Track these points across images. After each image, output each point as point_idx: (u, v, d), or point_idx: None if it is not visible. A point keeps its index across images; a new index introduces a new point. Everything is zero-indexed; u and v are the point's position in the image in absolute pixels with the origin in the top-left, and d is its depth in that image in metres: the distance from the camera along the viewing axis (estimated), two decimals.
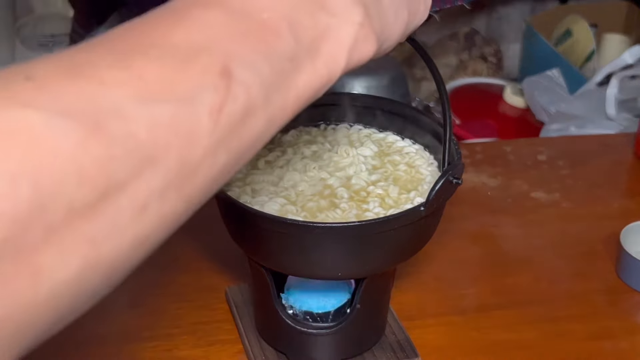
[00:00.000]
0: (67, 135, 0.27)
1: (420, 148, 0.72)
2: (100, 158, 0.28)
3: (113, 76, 0.30)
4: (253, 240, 0.65)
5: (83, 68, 0.30)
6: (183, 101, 0.31)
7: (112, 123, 0.28)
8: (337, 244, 0.61)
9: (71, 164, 0.27)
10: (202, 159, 0.31)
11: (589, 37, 1.74)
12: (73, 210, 0.27)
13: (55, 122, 0.27)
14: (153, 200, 0.30)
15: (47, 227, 0.26)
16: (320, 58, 0.38)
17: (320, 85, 0.39)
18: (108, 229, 0.28)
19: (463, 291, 0.84)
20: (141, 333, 0.76)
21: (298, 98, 0.37)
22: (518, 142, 1.15)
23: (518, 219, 0.96)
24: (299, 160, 0.70)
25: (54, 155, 0.27)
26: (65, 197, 0.27)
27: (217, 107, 0.32)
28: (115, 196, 0.28)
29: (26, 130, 0.26)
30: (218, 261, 0.85)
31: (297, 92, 0.37)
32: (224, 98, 0.32)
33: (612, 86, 1.53)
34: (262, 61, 0.35)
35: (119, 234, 0.29)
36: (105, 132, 0.28)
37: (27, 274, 0.26)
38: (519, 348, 0.76)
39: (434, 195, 0.60)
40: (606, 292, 0.84)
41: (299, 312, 0.69)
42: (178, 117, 0.31)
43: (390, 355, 0.72)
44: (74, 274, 0.27)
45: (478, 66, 1.96)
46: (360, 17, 0.40)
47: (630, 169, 1.09)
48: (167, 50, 0.32)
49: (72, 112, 0.28)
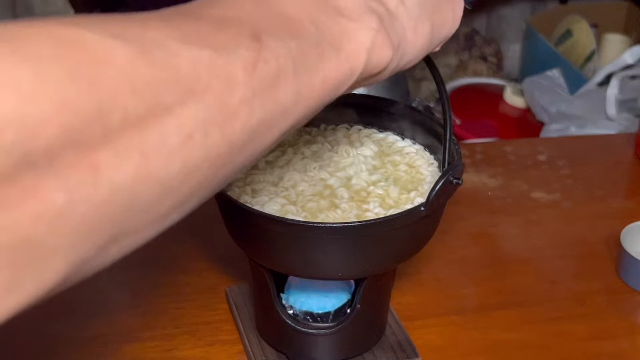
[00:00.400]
0: (117, 52, 0.29)
1: (420, 148, 0.72)
2: (148, 77, 0.30)
3: (154, 23, 0.33)
4: (253, 241, 0.65)
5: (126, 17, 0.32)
6: (220, 50, 0.33)
7: (157, 51, 0.31)
8: (338, 244, 0.61)
9: (122, 75, 0.29)
10: (239, 105, 0.34)
11: (589, 37, 1.74)
12: (127, 118, 0.29)
13: (106, 40, 0.29)
14: (198, 132, 0.32)
15: (105, 128, 0.28)
16: (342, 52, 0.40)
17: (343, 77, 0.40)
18: (158, 145, 0.30)
19: (463, 291, 0.84)
20: (141, 333, 0.76)
21: (324, 83, 0.39)
22: (518, 142, 1.15)
23: (518, 219, 0.96)
24: (299, 160, 0.70)
25: (107, 65, 0.29)
26: (119, 103, 0.29)
27: (251, 63, 0.34)
28: (163, 116, 0.30)
29: (80, 42, 0.29)
30: (218, 261, 0.85)
31: (324, 76, 0.39)
32: (256, 57, 0.35)
33: (612, 86, 1.53)
34: (289, 39, 0.37)
35: (168, 154, 0.31)
36: (151, 57, 0.30)
37: (87, 167, 0.28)
38: (519, 348, 0.77)
39: (434, 196, 0.60)
40: (606, 292, 0.84)
41: (299, 312, 0.69)
42: (216, 61, 0.33)
43: (390, 356, 0.72)
44: (128, 180, 0.29)
45: (478, 66, 1.97)
46: (376, 24, 0.42)
47: (631, 169, 1.09)
48: (202, 17, 0.35)
49: (119, 36, 0.30)
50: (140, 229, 0.32)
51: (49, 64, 0.27)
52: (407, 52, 0.46)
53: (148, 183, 0.30)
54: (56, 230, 0.28)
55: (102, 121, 0.28)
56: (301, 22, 0.39)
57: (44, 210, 0.27)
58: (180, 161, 0.32)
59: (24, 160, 0.26)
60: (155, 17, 0.34)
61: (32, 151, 0.26)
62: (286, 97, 0.37)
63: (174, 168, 0.31)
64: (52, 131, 0.27)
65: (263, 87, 0.35)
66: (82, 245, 0.29)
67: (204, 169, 0.33)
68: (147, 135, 0.30)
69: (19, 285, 0.27)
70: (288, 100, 0.37)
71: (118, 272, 0.85)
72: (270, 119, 0.36)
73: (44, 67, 0.27)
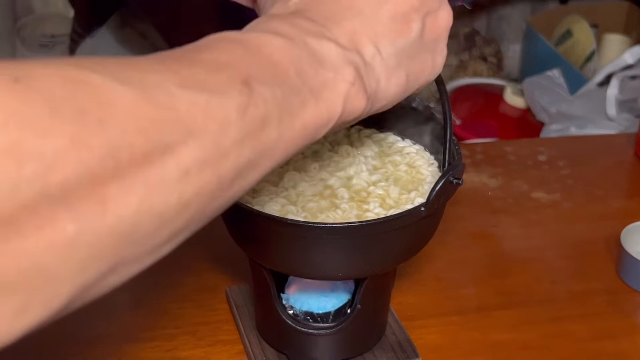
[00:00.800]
0: (123, 94, 0.32)
1: (420, 148, 0.72)
2: (151, 117, 0.32)
3: (152, 67, 0.35)
4: (253, 241, 0.65)
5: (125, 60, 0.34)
6: (215, 93, 0.36)
7: (158, 94, 0.33)
8: (338, 244, 0.61)
9: (128, 115, 0.31)
10: (231, 145, 0.36)
11: (589, 37, 1.74)
12: (134, 155, 0.31)
13: (111, 83, 0.31)
14: (194, 169, 0.34)
15: (116, 164, 0.30)
16: (321, 101, 0.43)
17: (321, 124, 0.43)
18: (159, 181, 0.32)
19: (463, 291, 0.84)
20: (141, 333, 0.76)
21: (303, 128, 0.42)
22: (518, 142, 1.15)
23: (518, 219, 0.96)
24: (299, 160, 0.70)
25: (113, 106, 0.31)
26: (127, 140, 0.31)
27: (243, 106, 0.37)
28: (164, 154, 0.32)
29: (89, 84, 0.31)
30: (218, 261, 0.85)
31: (304, 122, 0.41)
32: (247, 101, 0.37)
33: (612, 86, 1.53)
34: (275, 85, 0.40)
35: (167, 189, 0.33)
36: (153, 100, 0.33)
37: (96, 200, 0.30)
38: (519, 348, 0.77)
39: (435, 196, 0.60)
40: (607, 292, 0.84)
41: (300, 312, 0.69)
42: (211, 104, 0.35)
43: (390, 356, 0.72)
44: (131, 212, 0.31)
45: (478, 66, 1.97)
46: (352, 77, 0.45)
47: (631, 169, 1.09)
48: (197, 62, 0.37)
49: (123, 80, 0.32)
50: (138, 259, 0.34)
51: (62, 102, 0.29)
52: (381, 99, 0.49)
53: (148, 215, 0.33)
54: (65, 258, 0.30)
55: (114, 157, 0.30)
56: (286, 70, 0.41)
57: (56, 239, 0.29)
58: (177, 196, 0.34)
59: (42, 192, 0.28)
60: (155, 61, 0.36)
61: (49, 184, 0.28)
62: (270, 139, 0.39)
63: (171, 202, 0.33)
64: (68, 166, 0.29)
65: (252, 129, 0.37)
66: (86, 272, 0.31)
67: (196, 204, 0.35)
68: (151, 171, 0.32)
69: (29, 309, 0.29)
70: (272, 143, 0.39)
71: None
72: (256, 159, 0.39)
73: (58, 105, 0.29)
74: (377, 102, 0.48)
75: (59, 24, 2.08)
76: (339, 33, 0.46)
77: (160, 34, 1.72)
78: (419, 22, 0.49)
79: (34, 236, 0.28)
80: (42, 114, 0.28)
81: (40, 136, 0.28)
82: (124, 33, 1.94)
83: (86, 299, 0.33)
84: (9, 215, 0.27)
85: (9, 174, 0.27)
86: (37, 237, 0.28)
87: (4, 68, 0.29)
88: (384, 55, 0.48)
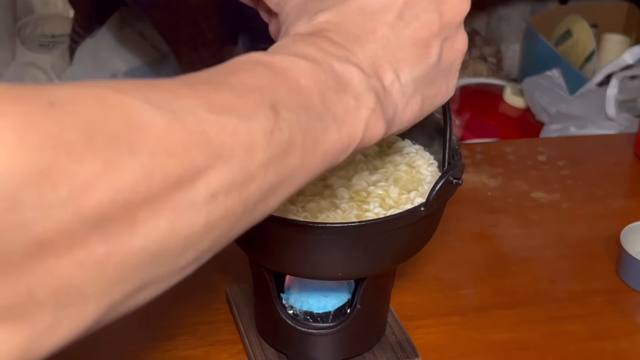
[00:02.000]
0: (154, 118, 0.32)
1: (420, 148, 0.72)
2: (182, 141, 0.33)
3: (182, 91, 0.35)
4: (253, 241, 0.65)
5: (156, 83, 0.35)
6: (243, 118, 0.36)
7: (188, 119, 0.33)
8: (338, 244, 0.61)
9: (160, 140, 0.32)
10: (257, 170, 0.37)
11: (589, 38, 1.74)
12: (166, 178, 0.32)
13: (144, 106, 0.32)
14: (221, 193, 0.34)
15: (149, 188, 0.31)
16: (343, 128, 0.43)
17: (342, 150, 0.43)
18: (188, 204, 0.33)
19: (463, 291, 0.84)
20: (141, 333, 0.76)
21: (325, 154, 0.42)
22: (518, 142, 1.15)
23: (518, 219, 0.96)
24: None
25: (145, 130, 0.31)
26: (158, 164, 0.31)
27: (270, 131, 0.37)
28: (194, 178, 0.33)
29: (122, 107, 0.31)
30: (218, 261, 0.85)
31: (325, 149, 0.42)
32: (274, 125, 0.37)
33: (612, 86, 1.53)
34: (300, 111, 0.40)
35: (195, 212, 0.33)
36: (183, 124, 0.33)
37: (127, 222, 0.30)
38: (519, 348, 0.77)
39: (434, 196, 0.60)
40: (606, 292, 0.84)
41: (299, 312, 0.69)
42: (239, 128, 0.36)
43: (390, 355, 0.72)
44: (159, 234, 0.32)
45: (478, 66, 1.97)
46: (373, 104, 0.45)
47: (631, 169, 1.09)
48: (226, 86, 0.38)
49: (155, 104, 0.32)
50: (163, 279, 0.35)
51: (96, 126, 0.30)
52: (397, 124, 0.49)
53: (176, 238, 0.33)
54: (94, 278, 0.30)
55: (146, 182, 0.31)
56: (311, 96, 0.41)
57: (86, 260, 0.30)
58: (204, 219, 0.34)
59: (76, 214, 0.29)
60: (183, 84, 0.36)
61: (83, 206, 0.29)
62: (294, 165, 0.40)
63: (199, 225, 0.34)
64: (102, 189, 0.29)
65: (277, 154, 0.38)
66: (113, 293, 0.32)
67: (221, 227, 0.36)
68: (181, 195, 0.32)
69: (58, 327, 0.30)
70: (295, 168, 0.40)
71: None
72: (279, 184, 0.39)
73: (93, 129, 0.29)
74: (394, 126, 0.49)
75: (59, 24, 2.08)
76: (363, 57, 0.46)
77: (160, 33, 1.72)
78: (438, 48, 0.49)
79: (66, 256, 0.29)
80: (77, 137, 0.29)
81: (75, 160, 0.28)
82: (124, 33, 1.94)
83: (112, 318, 0.33)
84: (44, 236, 0.28)
85: (45, 195, 0.28)
86: (68, 258, 0.29)
87: (39, 91, 0.29)
88: (402, 81, 0.48)
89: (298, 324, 0.68)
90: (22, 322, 0.29)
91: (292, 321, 0.68)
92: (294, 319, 0.68)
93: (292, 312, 0.69)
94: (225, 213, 0.35)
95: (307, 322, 0.68)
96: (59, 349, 0.31)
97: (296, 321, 0.68)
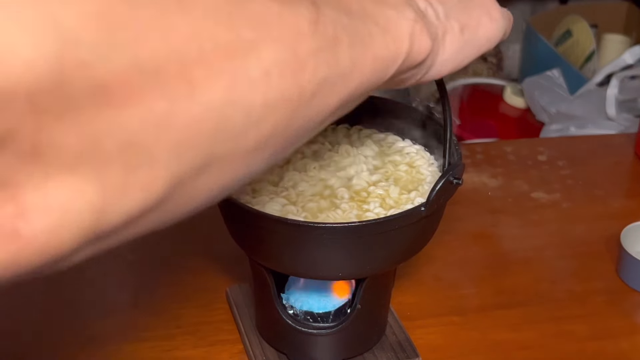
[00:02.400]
0: None
1: (420, 148, 0.72)
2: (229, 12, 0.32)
3: None
4: (254, 241, 0.65)
5: None
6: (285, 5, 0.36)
7: None
8: (338, 244, 0.61)
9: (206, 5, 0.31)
10: (307, 55, 0.36)
11: (589, 38, 1.74)
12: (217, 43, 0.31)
13: None
14: (274, 71, 0.34)
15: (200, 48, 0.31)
16: (388, 34, 0.43)
17: (390, 58, 0.43)
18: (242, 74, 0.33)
19: (463, 291, 0.84)
20: (141, 333, 0.76)
21: (375, 60, 0.41)
22: (518, 143, 1.15)
23: (518, 219, 0.96)
24: (299, 160, 0.70)
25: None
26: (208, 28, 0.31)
27: (314, 21, 0.37)
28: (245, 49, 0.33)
29: None
30: (219, 261, 0.85)
31: (374, 53, 0.41)
32: (317, 17, 0.37)
33: (612, 86, 1.53)
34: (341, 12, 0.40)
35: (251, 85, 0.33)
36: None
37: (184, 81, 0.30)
38: (519, 348, 0.77)
39: (435, 196, 0.60)
40: (606, 292, 0.84)
41: (300, 312, 0.69)
42: (284, 12, 0.35)
43: (390, 355, 0.72)
44: (217, 100, 0.32)
45: (478, 66, 1.96)
46: (413, 16, 0.45)
47: (631, 169, 1.09)
48: None
49: None
50: (229, 159, 0.34)
51: None
52: (440, 52, 0.49)
53: (234, 108, 0.33)
54: (158, 137, 0.30)
55: (197, 41, 0.31)
56: (350, 3, 0.41)
57: (149, 115, 0.29)
58: (261, 96, 0.34)
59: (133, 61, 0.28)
60: None
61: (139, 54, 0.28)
62: (345, 62, 0.39)
63: (257, 100, 0.34)
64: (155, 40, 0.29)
65: (324, 46, 0.37)
66: (180, 160, 0.31)
67: (280, 111, 0.35)
68: (234, 62, 0.32)
69: (130, 188, 0.29)
70: (346, 65, 0.39)
71: (118, 272, 0.85)
72: (333, 80, 0.38)
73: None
74: (439, 53, 0.49)
75: None
76: None
77: None
78: None
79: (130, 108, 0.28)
80: None
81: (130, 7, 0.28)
82: None
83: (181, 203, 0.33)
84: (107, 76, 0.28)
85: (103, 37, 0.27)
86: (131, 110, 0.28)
87: None
88: (434, 6, 0.49)
89: (298, 324, 0.68)
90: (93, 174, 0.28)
91: (292, 321, 0.68)
92: (294, 319, 0.68)
93: (292, 312, 0.69)
94: (282, 95, 0.35)
95: (307, 322, 0.68)
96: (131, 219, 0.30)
97: (296, 321, 0.68)
